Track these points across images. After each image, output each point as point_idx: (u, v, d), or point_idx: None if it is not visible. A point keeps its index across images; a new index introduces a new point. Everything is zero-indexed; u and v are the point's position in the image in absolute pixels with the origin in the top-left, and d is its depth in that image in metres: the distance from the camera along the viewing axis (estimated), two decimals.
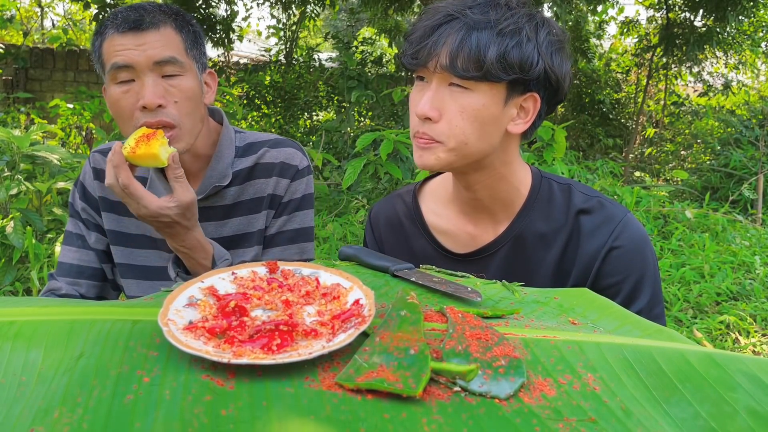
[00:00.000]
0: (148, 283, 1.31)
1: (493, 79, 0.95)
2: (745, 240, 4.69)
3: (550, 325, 0.73)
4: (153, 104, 1.09)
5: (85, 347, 0.60)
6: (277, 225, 1.31)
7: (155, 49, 1.11)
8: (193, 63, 1.18)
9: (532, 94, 1.00)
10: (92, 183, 1.32)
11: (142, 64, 1.10)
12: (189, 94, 1.14)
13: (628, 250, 1.06)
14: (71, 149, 5.77)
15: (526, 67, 0.95)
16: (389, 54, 8.87)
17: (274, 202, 1.30)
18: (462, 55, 0.94)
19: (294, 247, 1.31)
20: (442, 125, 0.98)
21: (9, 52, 7.24)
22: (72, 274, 1.31)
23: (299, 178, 1.31)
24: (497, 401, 0.55)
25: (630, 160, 8.31)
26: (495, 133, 1.01)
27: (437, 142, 0.99)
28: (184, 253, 1.13)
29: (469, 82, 0.96)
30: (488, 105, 0.97)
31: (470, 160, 1.02)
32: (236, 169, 1.28)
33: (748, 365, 0.63)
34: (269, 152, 1.30)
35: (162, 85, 1.11)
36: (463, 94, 0.97)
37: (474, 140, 0.99)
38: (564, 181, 1.14)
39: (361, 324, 0.64)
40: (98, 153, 1.34)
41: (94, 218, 1.33)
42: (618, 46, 9.99)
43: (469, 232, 1.15)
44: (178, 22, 1.17)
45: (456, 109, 0.97)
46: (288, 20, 8.78)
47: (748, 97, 9.30)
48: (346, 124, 6.08)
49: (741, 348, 3.21)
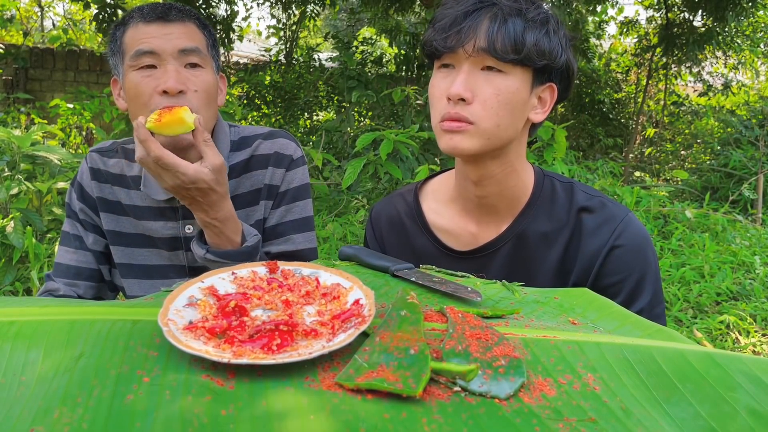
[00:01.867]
0: (150, 282, 1.31)
1: (529, 63, 0.98)
2: (745, 240, 4.69)
3: (550, 325, 0.73)
4: (175, 89, 1.11)
5: (85, 347, 0.60)
6: (277, 215, 1.31)
7: (180, 38, 1.14)
8: (212, 61, 1.21)
9: (551, 85, 1.04)
10: (90, 183, 1.31)
11: (167, 51, 1.13)
12: (208, 86, 1.17)
13: (630, 250, 1.06)
14: (71, 149, 5.77)
15: (554, 56, 1.00)
16: (389, 54, 8.87)
17: (272, 192, 1.30)
18: (500, 38, 0.97)
19: (298, 237, 1.31)
20: (476, 106, 0.99)
21: (9, 52, 7.24)
22: (69, 276, 1.31)
23: (294, 168, 1.31)
24: (497, 401, 0.55)
25: (630, 160, 8.31)
26: (521, 118, 1.04)
27: (470, 124, 0.99)
28: (215, 227, 1.12)
29: (506, 65, 0.98)
30: (520, 90, 1.00)
31: (497, 145, 1.03)
32: (232, 162, 1.28)
33: (748, 365, 0.63)
34: (263, 144, 1.31)
35: (184, 73, 1.14)
36: (498, 77, 0.99)
37: (506, 123, 1.01)
38: (566, 180, 1.14)
39: (361, 324, 0.64)
40: (96, 152, 1.33)
41: (93, 219, 1.32)
42: (618, 46, 9.99)
43: (470, 231, 1.15)
44: (201, 21, 1.21)
45: (492, 91, 0.99)
46: (288, 20, 8.77)
47: (748, 97, 9.30)
48: (346, 124, 6.07)
49: (741, 348, 3.21)
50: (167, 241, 1.29)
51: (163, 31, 1.14)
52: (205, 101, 1.16)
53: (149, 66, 1.13)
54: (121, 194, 1.30)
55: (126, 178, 1.30)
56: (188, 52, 1.14)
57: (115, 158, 1.32)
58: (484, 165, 1.07)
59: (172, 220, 1.28)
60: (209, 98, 1.17)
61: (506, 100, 0.99)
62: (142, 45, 1.13)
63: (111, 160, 1.32)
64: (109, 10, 5.87)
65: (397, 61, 7.82)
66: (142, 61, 1.13)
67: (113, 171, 1.31)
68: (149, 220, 1.29)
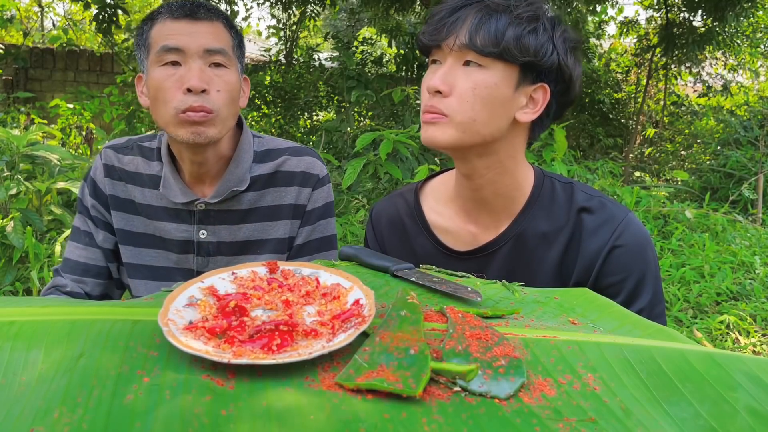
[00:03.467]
0: (155, 284, 1.31)
1: (508, 58, 0.98)
2: (745, 240, 4.69)
3: (550, 325, 0.73)
4: (198, 87, 1.11)
5: (85, 347, 0.60)
6: (304, 234, 1.32)
7: (207, 37, 1.15)
8: (237, 62, 1.21)
9: (543, 85, 1.03)
10: (103, 180, 1.31)
11: (192, 50, 1.13)
12: (231, 87, 1.17)
13: (630, 250, 1.06)
14: (71, 149, 5.77)
15: (539, 54, 0.99)
16: (389, 54, 8.87)
17: (298, 211, 1.31)
18: (481, 33, 0.98)
19: (319, 256, 1.32)
20: (452, 100, 1.00)
21: (9, 52, 7.23)
22: (77, 272, 1.31)
23: (320, 187, 1.32)
24: (497, 401, 0.55)
25: (630, 160, 8.31)
26: (503, 116, 1.02)
27: (444, 116, 1.01)
28: None
29: (486, 60, 0.99)
30: (500, 85, 1.00)
31: (476, 140, 1.02)
32: (254, 174, 1.28)
33: (748, 365, 0.63)
34: (290, 160, 1.31)
35: (208, 72, 1.14)
36: (477, 71, 0.99)
37: (482, 119, 1.00)
38: (566, 181, 1.14)
39: (361, 324, 0.64)
40: (110, 149, 1.33)
41: (104, 216, 1.32)
42: (617, 46, 9.99)
43: (470, 231, 1.15)
44: (228, 21, 1.21)
45: (469, 85, 0.99)
46: (288, 20, 8.77)
47: (747, 97, 9.30)
48: (346, 124, 6.07)
49: (741, 348, 3.21)
50: (179, 243, 1.29)
51: (190, 29, 1.14)
52: (227, 101, 1.16)
53: (173, 63, 1.14)
54: (135, 192, 1.30)
55: (142, 176, 1.30)
56: (213, 53, 1.14)
57: (130, 155, 1.32)
58: (470, 161, 1.07)
59: (187, 223, 1.28)
60: (231, 98, 1.18)
61: (483, 95, 0.99)
62: (168, 41, 1.13)
63: (126, 157, 1.32)
64: (109, 10, 5.87)
65: (397, 61, 7.81)
66: (167, 57, 1.13)
67: (128, 168, 1.31)
68: (163, 220, 1.29)
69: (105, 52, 8.09)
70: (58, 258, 3.21)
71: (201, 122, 1.13)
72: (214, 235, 1.28)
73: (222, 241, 1.29)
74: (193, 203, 1.26)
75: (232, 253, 1.30)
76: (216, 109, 1.14)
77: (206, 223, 1.28)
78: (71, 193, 3.67)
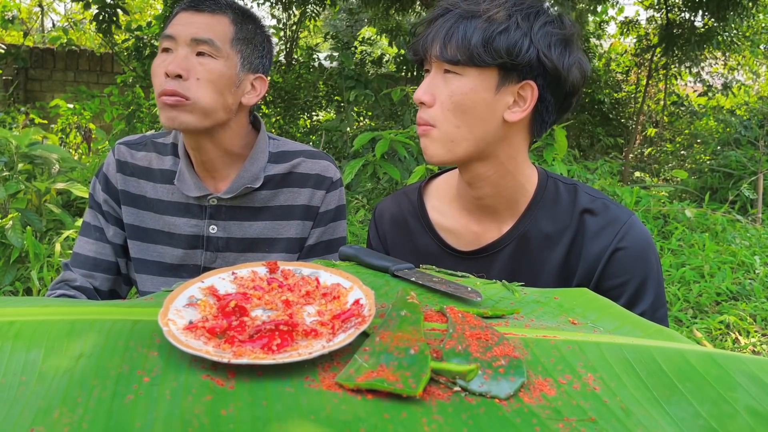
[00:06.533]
0: (162, 280, 1.32)
1: (479, 63, 0.98)
2: (744, 240, 4.69)
3: (550, 325, 0.73)
4: (173, 72, 1.14)
5: (85, 347, 0.60)
6: (315, 235, 1.35)
7: (199, 27, 1.18)
8: (237, 55, 1.22)
9: (528, 82, 1.01)
10: (115, 175, 1.33)
11: (181, 38, 1.17)
12: (213, 76, 1.18)
13: (633, 252, 1.06)
14: (71, 149, 5.77)
15: (513, 53, 0.98)
16: (389, 54, 8.87)
17: (311, 212, 1.33)
18: (452, 42, 0.99)
19: (329, 257, 1.34)
20: (436, 109, 1.02)
21: (9, 52, 7.23)
22: (87, 267, 1.32)
23: (333, 190, 1.35)
24: (497, 401, 0.55)
25: (630, 160, 8.31)
26: (488, 119, 1.02)
27: (431, 126, 1.03)
28: None
29: (459, 68, 1.00)
30: (477, 90, 1.00)
31: (469, 148, 1.03)
32: (268, 173, 1.30)
33: (748, 365, 0.63)
34: (305, 162, 1.33)
35: (191, 60, 1.17)
36: (454, 79, 1.01)
37: (467, 125, 1.01)
38: (570, 182, 1.14)
39: (361, 324, 0.64)
40: (123, 145, 1.35)
41: (116, 211, 1.33)
42: (618, 46, 9.99)
43: (473, 231, 1.15)
44: (239, 16, 1.23)
45: (447, 93, 1.01)
46: (288, 20, 8.77)
47: (747, 97, 9.30)
48: (346, 124, 6.07)
49: (741, 348, 3.21)
50: (187, 238, 1.30)
51: (189, 19, 1.18)
52: (207, 90, 1.17)
53: (166, 50, 1.18)
54: (146, 187, 1.32)
55: (154, 171, 1.32)
56: (200, 42, 1.17)
57: (143, 151, 1.34)
58: (471, 168, 1.07)
59: (198, 218, 1.30)
60: (213, 88, 1.18)
61: (460, 101, 1.00)
62: (168, 29, 1.19)
63: (139, 153, 1.34)
64: (110, 10, 5.87)
65: (397, 61, 7.81)
66: (163, 44, 1.19)
67: (140, 164, 1.33)
68: (173, 215, 1.30)
69: (105, 52, 8.09)
70: (58, 258, 3.21)
71: (174, 106, 1.15)
72: (224, 231, 1.30)
73: (231, 237, 1.31)
74: (206, 198, 1.28)
75: (241, 249, 1.31)
76: (193, 96, 1.15)
77: (217, 219, 1.29)
78: (71, 194, 3.67)
